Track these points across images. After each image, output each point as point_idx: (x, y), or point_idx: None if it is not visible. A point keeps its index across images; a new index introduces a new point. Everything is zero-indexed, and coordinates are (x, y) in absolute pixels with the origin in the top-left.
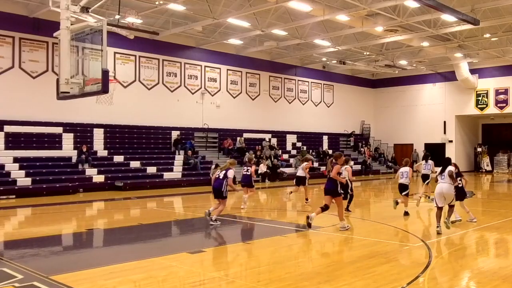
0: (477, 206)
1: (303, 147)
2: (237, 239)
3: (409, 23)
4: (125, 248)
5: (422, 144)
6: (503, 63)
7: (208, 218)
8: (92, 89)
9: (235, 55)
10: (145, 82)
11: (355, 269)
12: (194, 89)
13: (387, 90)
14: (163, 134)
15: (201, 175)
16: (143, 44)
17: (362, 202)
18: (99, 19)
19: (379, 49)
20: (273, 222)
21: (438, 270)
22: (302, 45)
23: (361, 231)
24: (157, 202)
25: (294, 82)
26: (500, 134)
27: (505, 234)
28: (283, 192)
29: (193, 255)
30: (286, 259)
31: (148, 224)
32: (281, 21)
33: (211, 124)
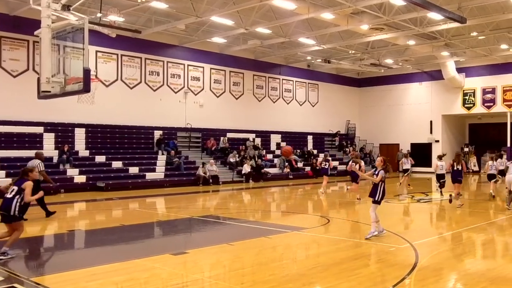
0: (464, 207)
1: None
2: (221, 240)
3: (395, 21)
4: (107, 249)
5: (408, 144)
6: (490, 62)
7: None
8: (74, 88)
9: (219, 54)
10: (127, 81)
11: (340, 271)
12: (177, 88)
13: (373, 89)
14: (146, 134)
15: (184, 176)
16: (125, 42)
17: (347, 202)
18: (81, 17)
19: (365, 48)
20: (257, 223)
21: (424, 271)
22: (286, 44)
23: (346, 232)
24: (140, 203)
25: (279, 81)
26: (487, 134)
27: (492, 235)
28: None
29: (176, 256)
30: (270, 260)
31: (130, 225)
32: (265, 19)
33: (194, 124)
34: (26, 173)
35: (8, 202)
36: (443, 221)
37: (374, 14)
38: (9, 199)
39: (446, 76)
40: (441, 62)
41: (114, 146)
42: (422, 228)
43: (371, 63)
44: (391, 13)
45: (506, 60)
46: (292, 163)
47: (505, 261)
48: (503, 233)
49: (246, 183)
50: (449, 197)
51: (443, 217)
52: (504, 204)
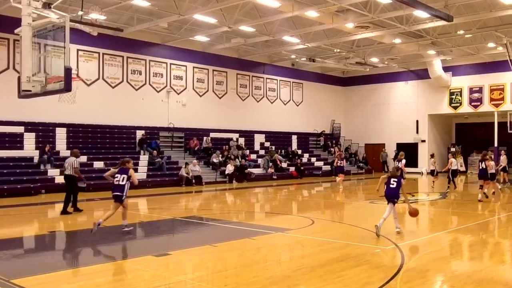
0: (450, 208)
1: (272, 147)
2: (204, 241)
3: (381, 20)
4: (89, 251)
5: (394, 144)
6: (477, 60)
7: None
8: (55, 87)
9: (202, 52)
10: (109, 80)
11: (325, 273)
12: (159, 87)
13: (358, 89)
14: (128, 133)
15: (167, 176)
16: (107, 41)
17: (332, 203)
18: (62, 15)
19: (350, 46)
20: (240, 224)
21: (410, 273)
22: (270, 42)
23: (331, 234)
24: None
25: (262, 80)
26: (474, 134)
27: (479, 237)
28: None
29: (158, 258)
30: (254, 262)
31: (112, 226)
32: (248, 17)
33: (177, 124)
34: (124, 164)
35: (121, 187)
36: (429, 222)
37: (359, 12)
38: (122, 185)
39: (432, 75)
40: (427, 61)
41: (95, 146)
42: (408, 230)
43: (356, 61)
44: (377, 11)
45: (493, 58)
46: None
47: (492, 262)
48: (490, 235)
49: (229, 183)
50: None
51: (429, 218)
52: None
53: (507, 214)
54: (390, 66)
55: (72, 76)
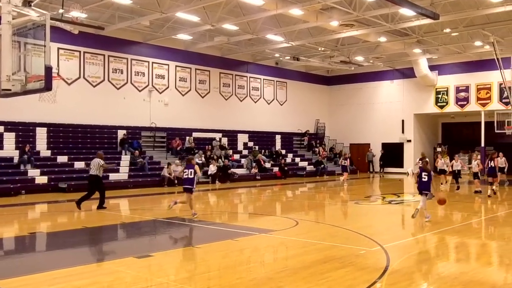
0: (436, 209)
1: (255, 147)
2: (186, 243)
3: (366, 18)
4: (69, 252)
5: (379, 144)
6: (464, 59)
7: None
8: (35, 86)
9: (184, 51)
10: (90, 79)
11: (309, 275)
12: (141, 86)
13: (343, 88)
14: (109, 133)
15: (149, 176)
16: (88, 39)
17: (316, 204)
18: (42, 13)
19: (334, 45)
20: (223, 225)
21: (396, 275)
22: (254, 41)
23: (315, 235)
24: None
25: (246, 79)
26: (460, 133)
27: (466, 238)
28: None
29: (140, 259)
30: (237, 264)
31: (93, 228)
32: (232, 15)
33: (159, 123)
34: (190, 161)
35: (191, 180)
36: (415, 223)
37: (344, 10)
38: (191, 178)
39: (418, 74)
40: (413, 60)
41: (76, 146)
42: (394, 230)
43: (341, 60)
44: (362, 9)
45: (480, 57)
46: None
47: (479, 264)
48: (476, 236)
49: (212, 184)
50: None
51: (415, 219)
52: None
53: (494, 215)
54: (375, 65)
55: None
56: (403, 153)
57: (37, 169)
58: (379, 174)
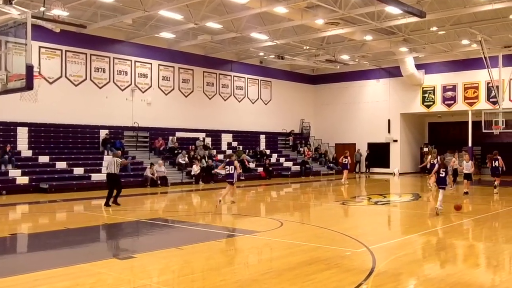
0: (423, 210)
1: (239, 147)
2: (170, 244)
3: (351, 16)
4: (51, 254)
5: (365, 144)
6: (450, 58)
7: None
8: (16, 85)
9: (167, 50)
10: (72, 78)
11: (294, 276)
12: (123, 85)
13: (328, 87)
14: (91, 133)
15: (131, 177)
16: (70, 37)
17: (301, 205)
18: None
19: (320, 43)
20: (207, 226)
21: (382, 277)
22: (238, 39)
23: (301, 236)
24: (85, 205)
25: (230, 78)
26: (447, 133)
27: (453, 239)
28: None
29: (122, 261)
30: (221, 265)
31: (75, 229)
32: (215, 13)
33: (141, 123)
34: (230, 158)
35: (231, 175)
36: (401, 224)
37: (329, 8)
38: (232, 173)
39: (404, 73)
40: (399, 58)
41: (58, 146)
42: (380, 232)
43: (326, 59)
44: (347, 7)
45: (467, 56)
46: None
47: (466, 266)
48: (464, 237)
49: (195, 184)
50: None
51: (401, 220)
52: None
53: (481, 216)
54: (361, 64)
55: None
56: (389, 153)
57: (18, 170)
58: (365, 174)
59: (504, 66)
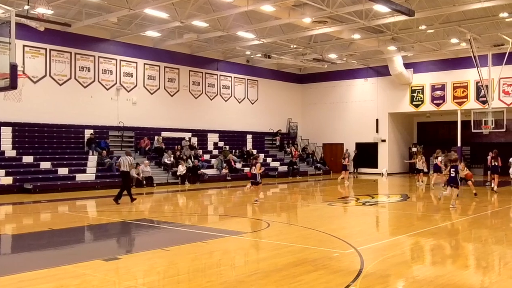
0: (411, 210)
1: (226, 147)
2: (155, 245)
3: (339, 14)
4: (35, 255)
5: (353, 144)
6: (439, 57)
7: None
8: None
9: (153, 49)
10: (56, 77)
11: (281, 278)
12: (108, 84)
13: (316, 86)
14: (76, 133)
15: (116, 177)
16: (54, 36)
17: (288, 205)
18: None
19: (307, 42)
20: (193, 227)
21: (370, 278)
22: (224, 38)
23: (288, 237)
24: (69, 205)
25: (216, 77)
26: (436, 133)
27: (441, 240)
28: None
29: (107, 262)
30: (207, 266)
31: (60, 230)
32: (201, 12)
33: (126, 122)
34: (255, 160)
35: (255, 175)
36: (390, 225)
37: (317, 7)
38: (255, 174)
39: (393, 72)
40: (387, 57)
41: (42, 146)
42: (368, 233)
43: (313, 58)
44: (335, 5)
45: (456, 55)
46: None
47: (455, 267)
48: (452, 238)
49: (181, 185)
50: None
51: (390, 221)
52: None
53: (470, 217)
54: (349, 63)
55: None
56: (378, 153)
57: (1, 170)
58: (353, 174)
59: (494, 65)
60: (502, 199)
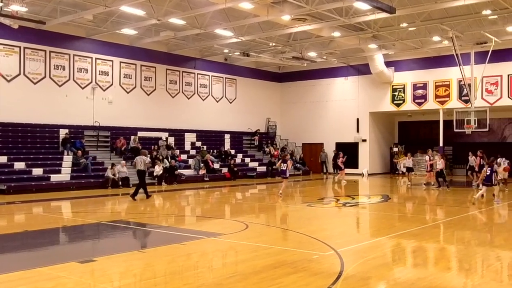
0: (393, 211)
1: (203, 147)
2: (131, 247)
3: (319, 12)
4: (9, 257)
5: (333, 144)
6: (421, 55)
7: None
8: None
9: (129, 47)
10: (31, 76)
11: (260, 280)
12: (84, 83)
13: (295, 85)
14: (50, 132)
15: (92, 178)
16: (29, 34)
17: (267, 207)
18: None
19: (286, 40)
20: (170, 228)
21: (350, 281)
22: (202, 36)
23: (266, 239)
24: (44, 206)
25: (193, 76)
26: (418, 133)
27: (423, 242)
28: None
29: (82, 264)
30: (185, 269)
31: (34, 231)
32: (179, 9)
33: (102, 122)
34: (285, 157)
35: (284, 171)
36: (370, 227)
37: (296, 4)
38: (285, 169)
39: (374, 71)
40: (368, 56)
41: (16, 146)
42: (348, 234)
43: (293, 56)
44: (315, 3)
45: (438, 53)
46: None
47: (437, 269)
48: (435, 240)
49: (158, 185)
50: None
51: (370, 222)
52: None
53: (452, 219)
54: (329, 61)
55: None
56: (358, 153)
57: None
58: (333, 175)
59: (476, 63)
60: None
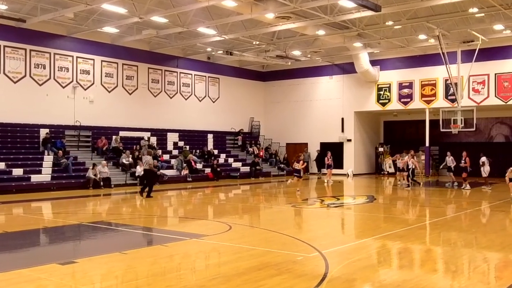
0: (378, 212)
1: (186, 147)
2: (113, 248)
3: (303, 10)
4: None
5: (317, 144)
6: (407, 53)
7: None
8: None
9: (111, 45)
10: (11, 75)
11: (243, 282)
12: (65, 82)
13: (279, 84)
14: (31, 132)
15: (73, 178)
16: (8, 32)
17: (251, 207)
18: None
19: (270, 38)
20: (152, 230)
21: (335, 283)
22: (184, 34)
23: (250, 240)
24: (24, 207)
25: (176, 75)
26: (403, 132)
27: (409, 243)
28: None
29: (63, 266)
30: (167, 270)
31: (14, 232)
32: (161, 7)
33: (83, 121)
34: (298, 158)
35: (298, 170)
36: (355, 228)
37: (280, 2)
38: (298, 169)
39: (359, 69)
40: (353, 54)
41: None
42: (333, 235)
43: (277, 55)
44: (299, 0)
45: (424, 51)
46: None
47: (423, 271)
48: (421, 241)
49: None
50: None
51: (355, 224)
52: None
53: (438, 220)
54: (313, 60)
55: None
56: (343, 153)
57: None
58: (317, 175)
59: (463, 62)
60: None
